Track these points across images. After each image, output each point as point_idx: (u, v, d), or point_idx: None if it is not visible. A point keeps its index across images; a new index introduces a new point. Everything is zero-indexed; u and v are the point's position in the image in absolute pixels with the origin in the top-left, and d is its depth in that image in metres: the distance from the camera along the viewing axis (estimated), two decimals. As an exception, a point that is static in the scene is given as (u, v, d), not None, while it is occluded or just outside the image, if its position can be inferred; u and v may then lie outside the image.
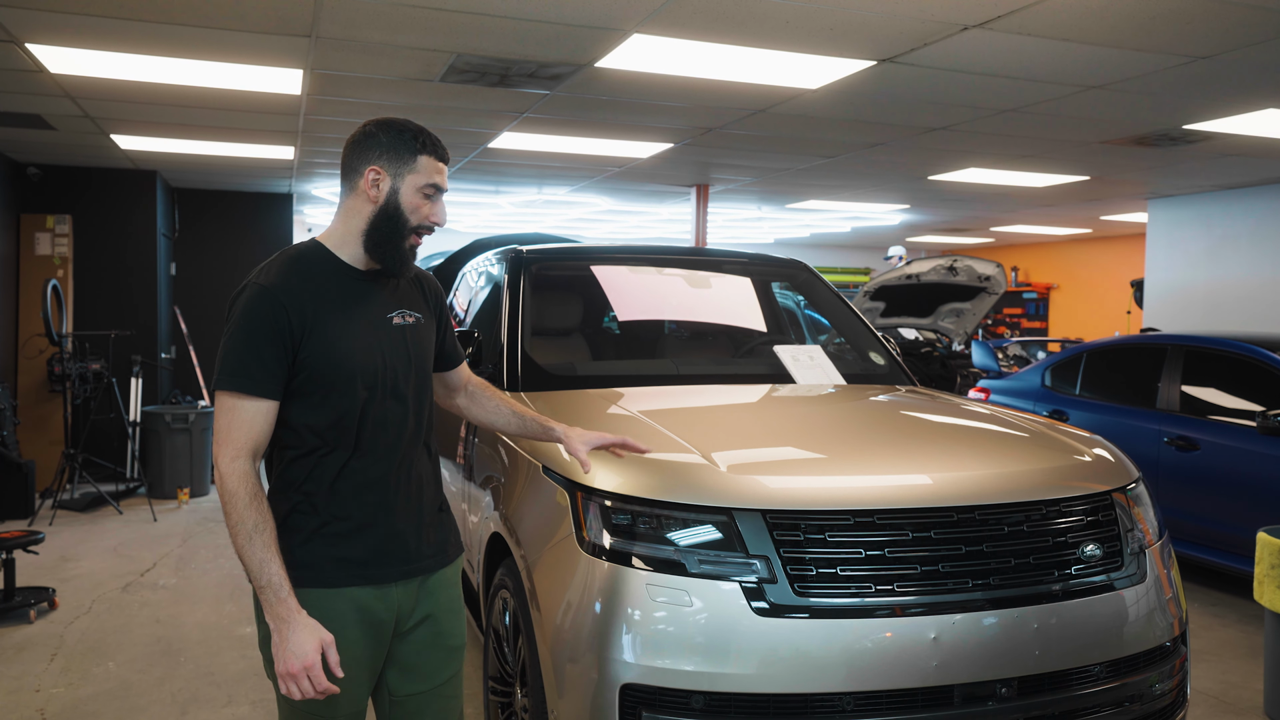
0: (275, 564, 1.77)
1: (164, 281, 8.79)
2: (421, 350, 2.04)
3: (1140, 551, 2.61)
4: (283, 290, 1.86)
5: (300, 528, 1.90)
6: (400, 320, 2.00)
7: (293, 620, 1.77)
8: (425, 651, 2.02)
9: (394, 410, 1.96)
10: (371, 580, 1.92)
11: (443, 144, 1.98)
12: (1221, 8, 3.58)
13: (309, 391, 1.88)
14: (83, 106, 5.68)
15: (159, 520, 6.79)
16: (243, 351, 1.81)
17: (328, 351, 1.87)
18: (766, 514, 2.29)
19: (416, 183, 1.91)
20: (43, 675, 3.95)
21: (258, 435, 1.82)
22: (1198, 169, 7.49)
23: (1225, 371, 5.52)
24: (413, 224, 1.93)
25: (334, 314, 1.90)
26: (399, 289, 2.04)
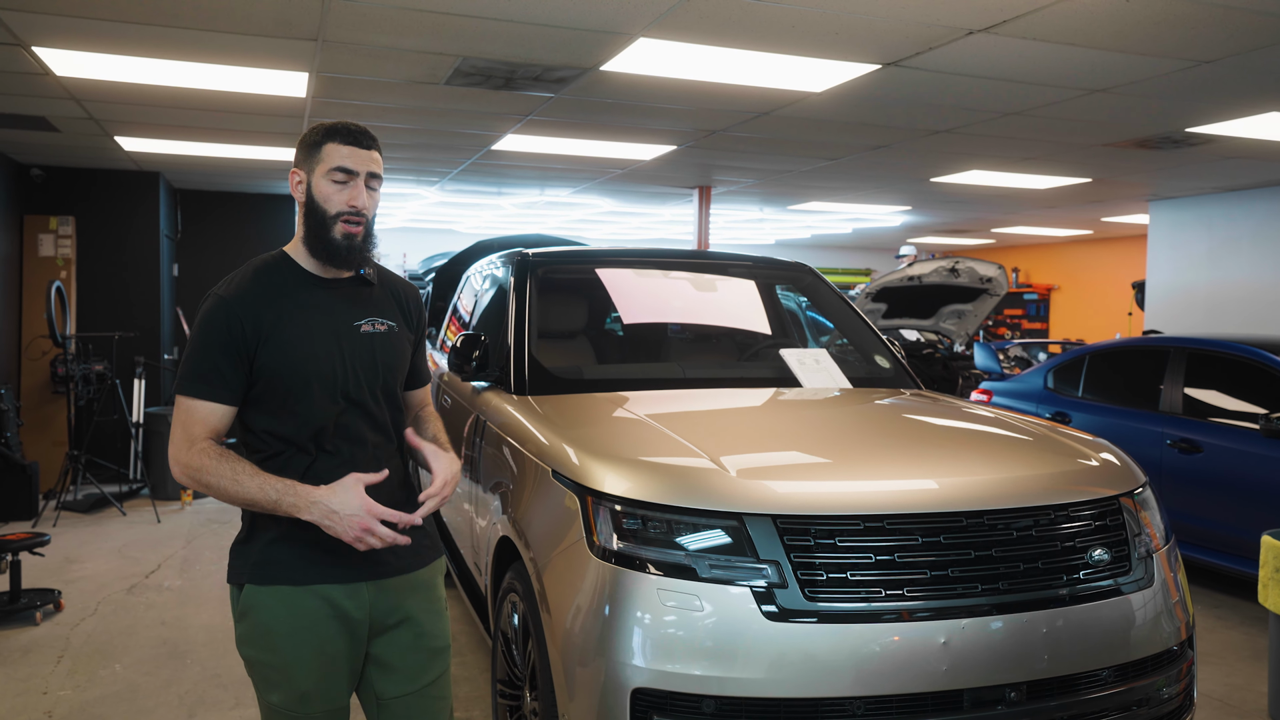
0: (270, 480, 1.83)
1: (167, 282, 8.80)
2: (390, 360, 2.04)
3: (1148, 556, 2.62)
4: (238, 300, 1.92)
5: (267, 528, 1.94)
6: (370, 328, 2.02)
7: (320, 495, 1.82)
8: (407, 654, 2.03)
9: (357, 416, 1.98)
10: (339, 579, 1.94)
11: (359, 129, 1.96)
12: (1226, 14, 3.59)
13: (268, 398, 1.93)
14: (87, 109, 5.69)
15: (162, 521, 6.80)
16: (199, 359, 1.90)
17: (283, 358, 1.91)
18: (777, 519, 2.30)
19: (323, 171, 1.93)
20: (50, 677, 3.96)
21: (213, 430, 1.90)
22: (1199, 171, 7.50)
23: (1228, 374, 5.53)
24: (330, 213, 1.93)
25: (292, 322, 1.93)
26: (372, 297, 2.06)
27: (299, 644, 1.92)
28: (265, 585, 1.92)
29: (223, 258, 9.47)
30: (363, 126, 1.98)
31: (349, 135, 1.94)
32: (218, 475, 1.83)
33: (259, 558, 1.93)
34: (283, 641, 1.91)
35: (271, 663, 1.93)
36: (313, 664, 1.93)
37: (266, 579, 1.92)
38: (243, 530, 2.00)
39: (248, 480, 1.83)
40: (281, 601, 1.91)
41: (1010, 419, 3.20)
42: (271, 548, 1.93)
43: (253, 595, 1.93)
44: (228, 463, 1.84)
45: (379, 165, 1.99)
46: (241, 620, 1.97)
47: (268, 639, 1.92)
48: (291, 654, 1.91)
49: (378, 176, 1.99)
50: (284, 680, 1.93)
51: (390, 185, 9.07)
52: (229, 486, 1.83)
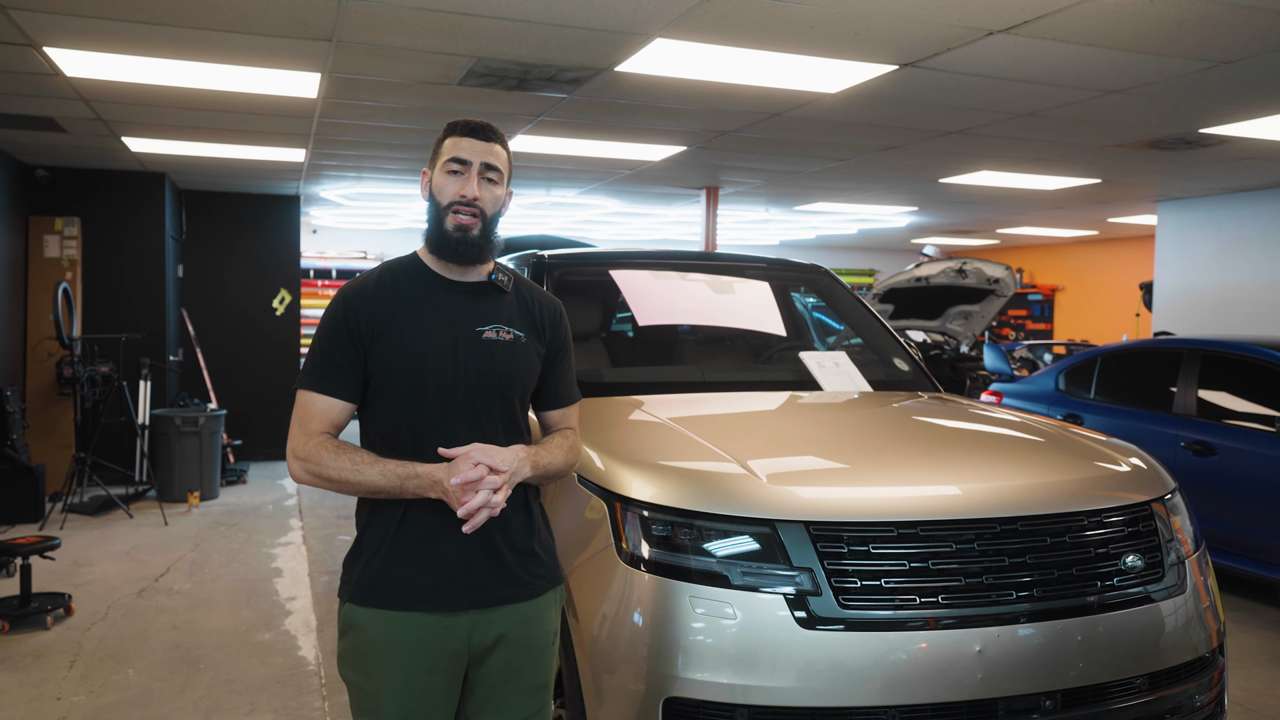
0: (392, 464, 1.81)
1: (172, 284, 8.76)
2: (512, 369, 1.94)
3: (1180, 562, 2.59)
4: (356, 295, 1.92)
5: (373, 547, 1.90)
6: (493, 335, 1.93)
7: (436, 474, 1.78)
8: (502, 688, 1.93)
9: (467, 425, 1.89)
10: (440, 607, 1.86)
11: (480, 123, 1.93)
12: (1248, 13, 3.56)
13: (379, 397, 1.91)
14: (96, 109, 5.66)
15: (170, 524, 6.77)
16: (317, 354, 1.91)
17: (394, 356, 1.87)
18: (810, 525, 2.27)
19: (441, 165, 1.93)
20: (63, 683, 3.93)
21: (331, 425, 1.88)
22: (1209, 172, 7.48)
23: (1242, 376, 5.51)
24: (443, 204, 1.90)
25: (408, 320, 1.89)
26: (502, 305, 1.98)
27: (390, 671, 1.86)
28: (365, 607, 1.88)
29: (226, 258, 9.45)
30: (486, 121, 1.94)
31: (468, 128, 1.92)
32: (336, 468, 1.81)
33: (363, 577, 1.89)
34: (375, 666, 1.86)
35: (363, 686, 1.88)
36: (401, 694, 1.85)
37: (366, 601, 1.88)
38: (353, 546, 1.96)
39: (368, 468, 1.81)
40: (379, 625, 1.86)
41: (1034, 422, 3.18)
42: (376, 569, 1.88)
43: (353, 614, 1.90)
44: (345, 454, 1.82)
45: (499, 159, 1.93)
46: (342, 637, 1.93)
47: (361, 661, 1.88)
48: (382, 680, 1.86)
49: (496, 170, 1.92)
50: (373, 706, 1.87)
51: (395, 185, 9.04)
52: (350, 477, 1.81)
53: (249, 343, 9.51)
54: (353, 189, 9.27)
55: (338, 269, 13.11)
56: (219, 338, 9.37)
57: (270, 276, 9.63)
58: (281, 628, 4.62)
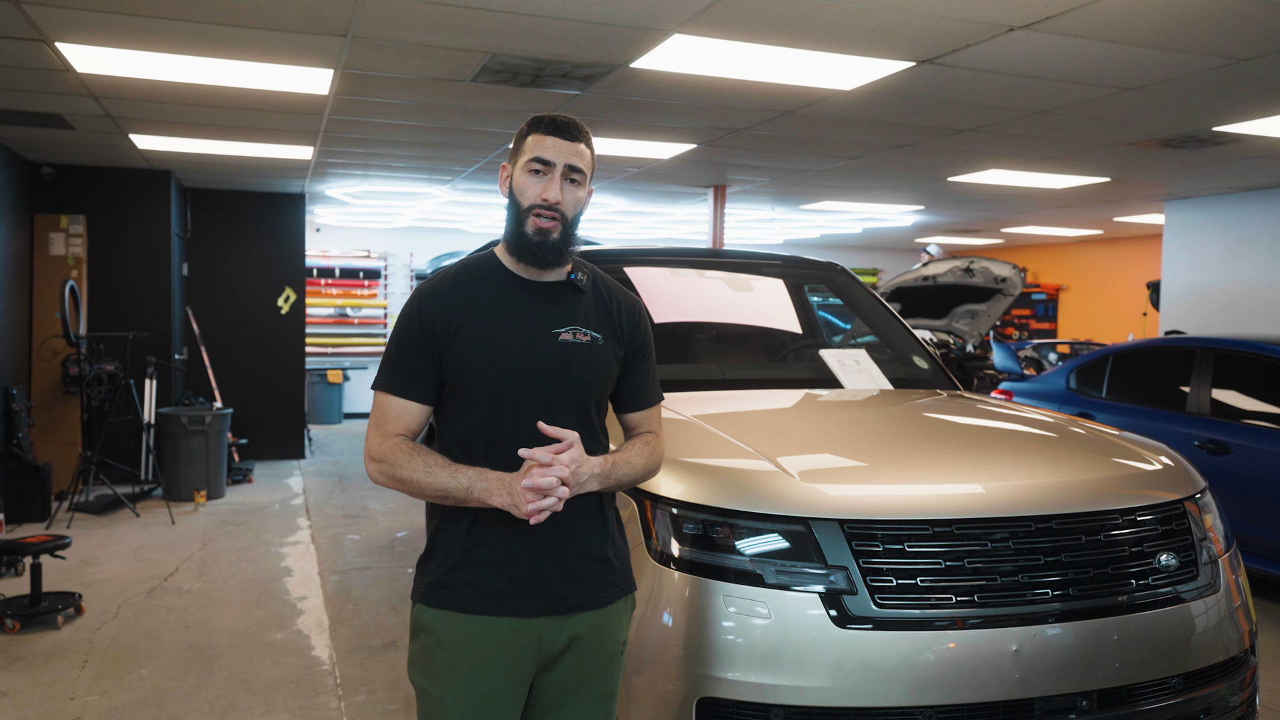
0: (463, 469, 1.77)
1: (177, 282, 8.73)
2: (589, 372, 1.89)
3: (1212, 561, 2.57)
4: (432, 295, 1.88)
5: (445, 549, 1.86)
6: (569, 337, 1.87)
7: (504, 480, 1.74)
8: (567, 696, 1.88)
9: (541, 433, 1.80)
10: (510, 611, 1.82)
11: (566, 120, 1.86)
12: (1272, 9, 3.54)
13: (454, 399, 1.87)
14: (105, 106, 5.63)
15: (177, 523, 6.73)
16: (394, 354, 1.88)
17: (469, 357, 1.84)
18: (844, 524, 2.25)
19: (523, 163, 1.86)
20: (76, 683, 3.90)
21: (406, 428, 1.86)
22: (1218, 171, 7.46)
23: (1257, 375, 5.48)
24: (524, 205, 1.84)
25: (485, 322, 1.85)
26: (579, 306, 1.91)
27: (456, 675, 1.82)
28: (435, 609, 1.85)
29: (231, 257, 9.41)
30: (572, 118, 1.87)
31: (553, 125, 1.85)
32: (410, 469, 1.79)
33: (434, 579, 1.86)
34: (442, 670, 1.83)
35: (430, 691, 1.85)
36: (467, 699, 1.81)
37: (436, 602, 1.85)
38: (426, 547, 1.92)
39: (440, 471, 1.78)
40: (448, 628, 1.83)
41: (1061, 420, 3.16)
42: (448, 572, 1.85)
43: (423, 615, 1.87)
44: (420, 456, 1.80)
45: (584, 159, 1.86)
46: (413, 640, 1.90)
47: (430, 665, 1.85)
48: (448, 684, 1.82)
49: (580, 171, 1.85)
50: (438, 711, 1.83)
51: (401, 184, 9.00)
52: (422, 479, 1.78)
53: (253, 341, 9.47)
54: (358, 187, 9.24)
55: (341, 268, 13.06)
56: (223, 336, 9.33)
57: (275, 275, 9.59)
58: (294, 627, 4.59)
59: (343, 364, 12.97)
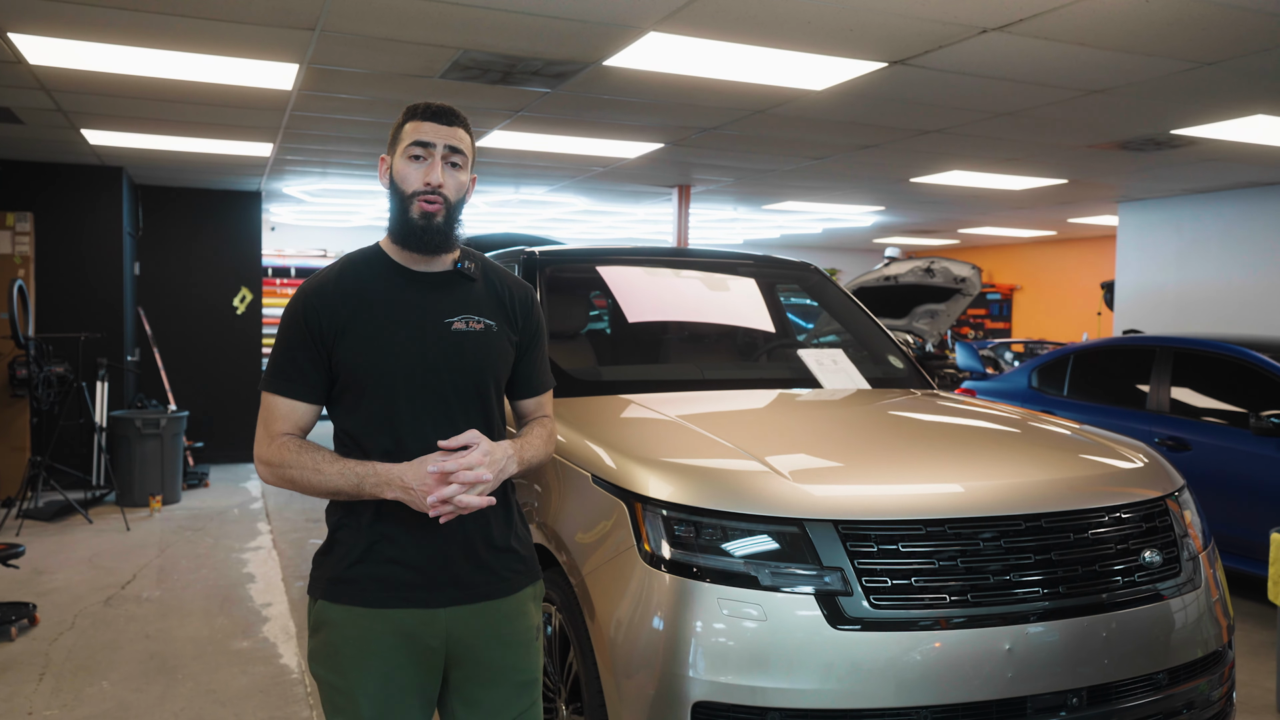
0: (351, 464, 1.76)
1: (129, 282, 8.50)
2: (483, 360, 1.89)
3: (1193, 558, 2.61)
4: (316, 292, 1.85)
5: (347, 543, 1.85)
6: (463, 326, 1.87)
7: (394, 472, 1.74)
8: (488, 686, 1.89)
9: (439, 421, 1.83)
10: (416, 603, 1.82)
11: (441, 106, 1.85)
12: (1239, 15, 3.61)
13: (347, 396, 1.85)
14: (57, 100, 5.45)
15: (132, 529, 6.55)
16: (279, 354, 1.86)
17: (360, 353, 1.82)
18: (839, 524, 2.24)
19: (401, 150, 1.85)
20: (33, 696, 3.76)
21: (295, 426, 1.84)
22: (1172, 173, 7.62)
23: (1214, 373, 5.61)
24: (407, 192, 1.82)
25: (373, 315, 1.84)
26: (470, 294, 1.92)
27: (364, 669, 1.81)
28: (338, 604, 1.83)
29: (186, 256, 9.19)
30: (448, 104, 1.87)
31: (429, 111, 1.84)
32: (299, 467, 1.77)
33: (335, 574, 1.84)
34: (348, 664, 1.81)
35: (336, 685, 1.83)
36: (377, 692, 1.81)
37: (340, 597, 1.83)
38: (325, 541, 1.90)
39: (329, 468, 1.76)
40: (352, 623, 1.81)
41: (1041, 419, 3.18)
42: (350, 566, 1.83)
43: (325, 611, 1.85)
44: (308, 453, 1.78)
45: (463, 142, 1.85)
46: (313, 635, 1.88)
47: (334, 659, 1.83)
48: (356, 678, 1.81)
49: (460, 153, 1.84)
50: (347, 704, 1.82)
51: (361, 182, 8.86)
52: (311, 478, 1.77)
53: (209, 342, 9.26)
54: (316, 185, 9.08)
55: (296, 267, 12.84)
56: (177, 337, 9.11)
57: (230, 275, 9.38)
58: (260, 635, 4.48)
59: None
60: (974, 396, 7.01)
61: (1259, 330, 7.94)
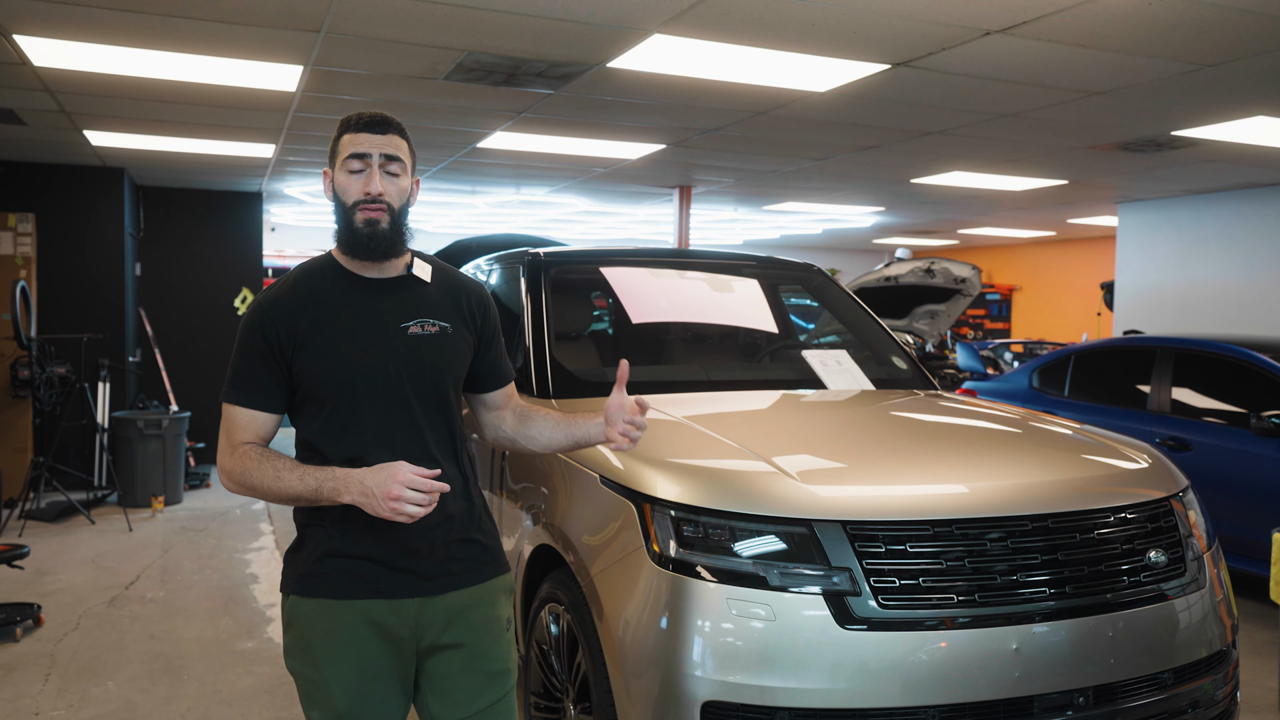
0: (310, 469, 1.78)
1: (130, 282, 8.50)
2: (441, 362, 1.92)
3: (1197, 558, 2.62)
4: (273, 305, 1.88)
5: (317, 541, 1.89)
6: (419, 329, 1.90)
7: (357, 475, 1.75)
8: (459, 675, 1.92)
9: (401, 422, 1.87)
10: (384, 594, 1.86)
11: (373, 115, 1.88)
12: (1241, 17, 3.62)
13: (309, 405, 1.88)
14: (60, 101, 5.46)
15: (135, 530, 6.56)
16: (238, 366, 1.88)
17: (320, 363, 1.85)
18: (847, 525, 2.25)
19: (340, 163, 1.88)
20: (39, 697, 3.77)
21: (256, 435, 1.87)
22: (1172, 174, 7.64)
23: (1216, 373, 5.62)
24: (348, 203, 1.86)
25: (330, 324, 1.86)
26: (424, 297, 1.94)
27: (338, 660, 1.85)
28: (308, 598, 1.87)
29: (186, 257, 9.20)
30: (380, 113, 1.89)
31: (361, 122, 1.87)
32: (260, 475, 1.80)
33: (306, 569, 1.88)
34: (322, 656, 1.85)
35: (311, 678, 1.87)
36: (352, 682, 1.85)
37: (310, 591, 1.87)
38: (295, 539, 1.95)
39: (288, 474, 1.79)
40: (323, 615, 1.86)
41: (1046, 420, 3.20)
42: (319, 561, 1.87)
43: (296, 606, 1.89)
44: (269, 461, 1.81)
45: (399, 148, 1.88)
46: (287, 631, 1.93)
47: (309, 653, 1.87)
48: (330, 670, 1.85)
49: (397, 160, 1.87)
50: (323, 697, 1.86)
51: (363, 183, 8.86)
52: (272, 484, 1.80)
53: (209, 343, 9.26)
54: (317, 186, 9.09)
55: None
56: (178, 338, 9.12)
57: (231, 275, 9.39)
58: (264, 635, 4.49)
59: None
60: (975, 397, 7.04)
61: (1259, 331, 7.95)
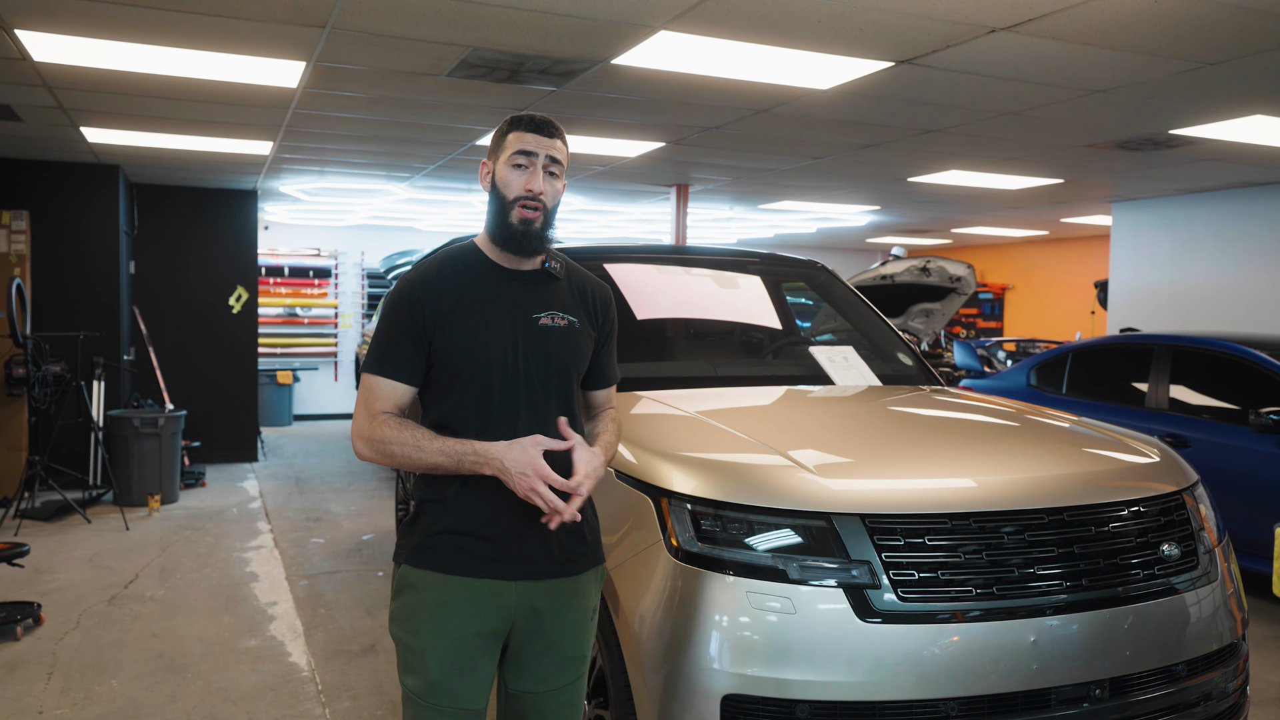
0: (450, 441, 1.88)
1: (125, 280, 8.45)
2: (567, 354, 2.03)
3: (1209, 551, 2.64)
4: (421, 284, 1.99)
5: (430, 515, 1.98)
6: (548, 321, 2.01)
7: (498, 452, 1.85)
8: (540, 657, 2.01)
9: (526, 409, 1.97)
10: (490, 574, 1.95)
11: (543, 118, 2.00)
12: (1245, 15, 3.64)
13: (441, 382, 1.98)
14: (58, 97, 5.42)
15: (131, 529, 6.52)
16: (383, 339, 1.99)
17: (457, 343, 1.95)
18: (866, 518, 2.26)
19: (505, 158, 1.99)
20: (43, 696, 3.75)
21: (394, 406, 1.97)
22: (1166, 173, 7.68)
23: (1213, 370, 5.66)
24: (509, 198, 1.96)
25: (472, 308, 1.97)
26: (555, 292, 2.05)
27: (437, 631, 1.94)
28: (419, 569, 1.96)
29: (181, 255, 9.15)
30: (548, 116, 2.01)
31: (532, 123, 1.98)
32: (400, 443, 1.90)
33: (419, 541, 1.98)
34: (424, 625, 1.95)
35: (411, 645, 1.96)
36: (448, 654, 1.93)
37: (421, 563, 1.96)
38: (412, 512, 2.04)
39: (428, 444, 1.88)
40: (431, 587, 1.95)
41: (1054, 415, 3.21)
42: (433, 535, 1.96)
43: (408, 575, 1.98)
44: (408, 430, 1.91)
45: (561, 153, 2.01)
46: (395, 598, 2.02)
47: (412, 621, 1.96)
48: (429, 639, 1.94)
49: (559, 163, 2.00)
50: (419, 664, 1.95)
51: (359, 180, 8.84)
52: (411, 453, 1.89)
53: (204, 341, 9.22)
54: (313, 184, 9.05)
55: (290, 266, 12.80)
56: (172, 336, 9.07)
57: (226, 273, 9.35)
58: (267, 634, 4.47)
59: (293, 365, 12.71)
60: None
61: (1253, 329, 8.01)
